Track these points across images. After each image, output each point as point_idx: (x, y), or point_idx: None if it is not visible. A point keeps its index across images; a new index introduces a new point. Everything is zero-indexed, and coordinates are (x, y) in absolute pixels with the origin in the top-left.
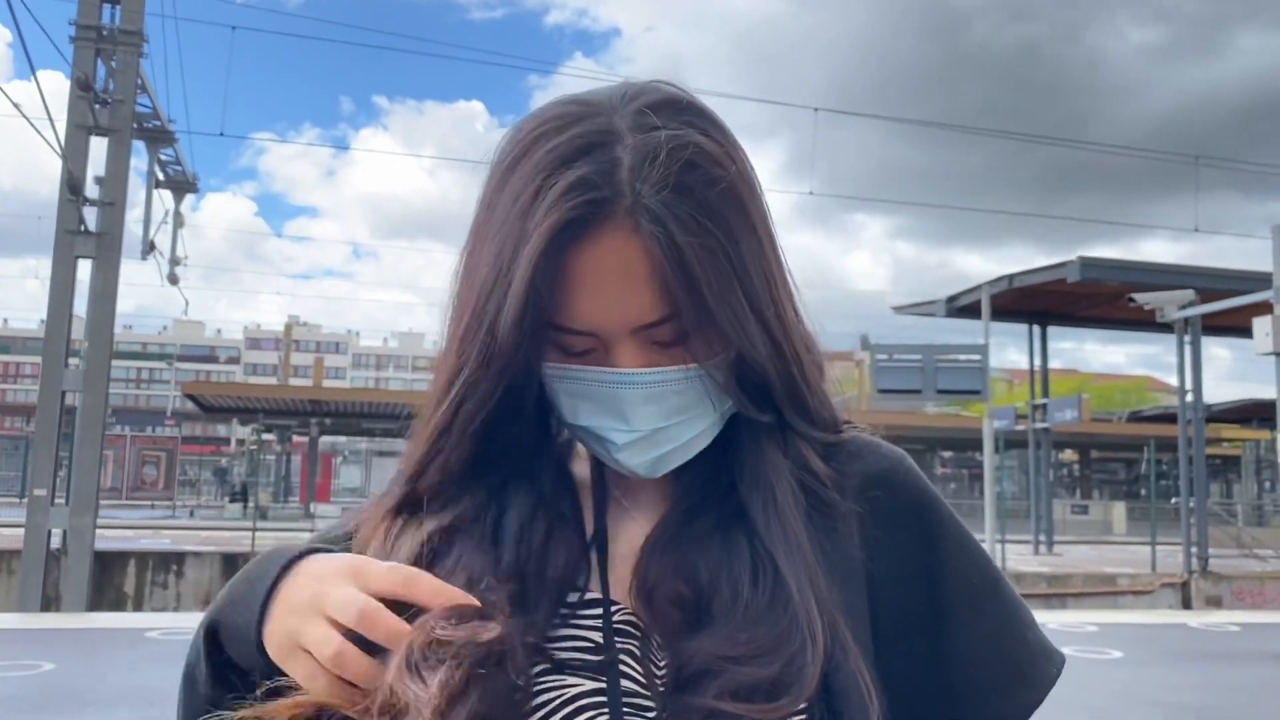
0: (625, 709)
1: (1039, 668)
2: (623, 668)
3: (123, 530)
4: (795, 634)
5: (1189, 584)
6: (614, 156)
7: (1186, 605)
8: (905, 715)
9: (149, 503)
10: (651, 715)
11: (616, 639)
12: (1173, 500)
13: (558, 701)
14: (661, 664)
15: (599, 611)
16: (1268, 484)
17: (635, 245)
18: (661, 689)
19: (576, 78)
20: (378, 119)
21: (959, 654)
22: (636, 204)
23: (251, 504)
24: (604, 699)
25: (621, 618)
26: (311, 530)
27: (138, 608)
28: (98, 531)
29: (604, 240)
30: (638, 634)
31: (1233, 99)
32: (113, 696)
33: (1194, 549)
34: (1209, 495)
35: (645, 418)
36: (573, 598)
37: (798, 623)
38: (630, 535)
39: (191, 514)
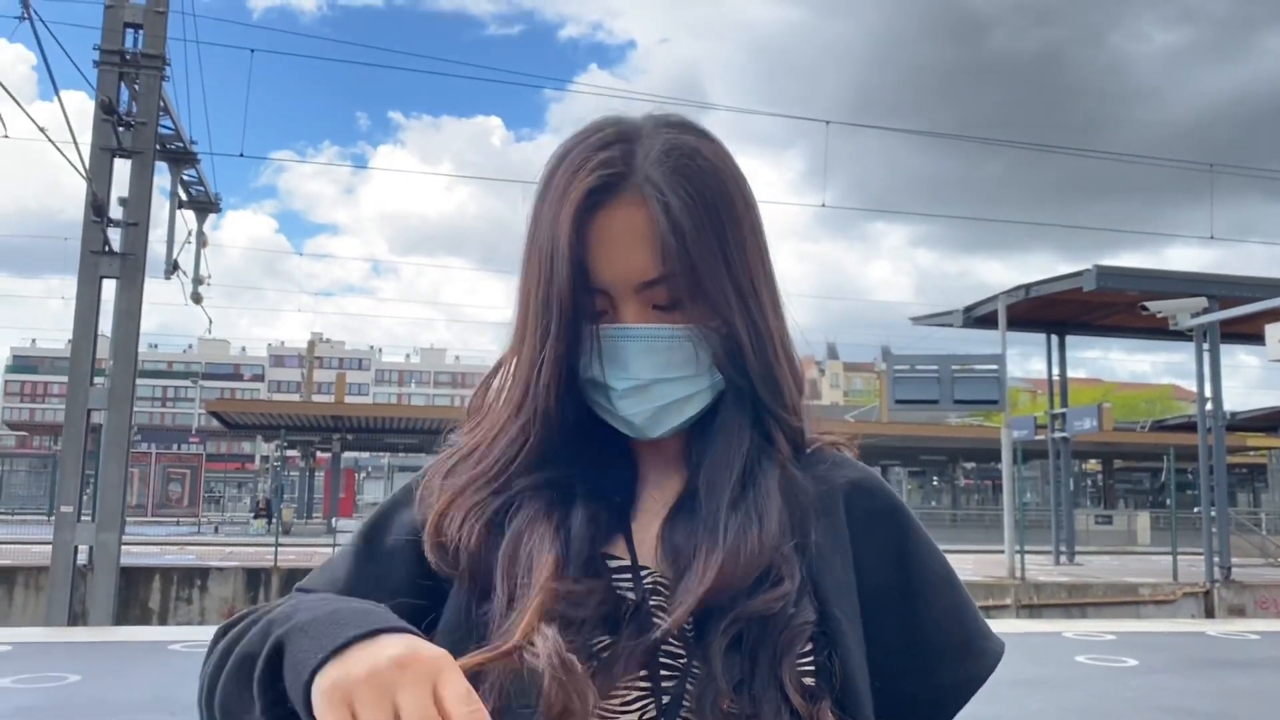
0: (662, 656)
1: (990, 642)
2: (656, 619)
3: (148, 546)
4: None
5: (1211, 593)
6: (633, 149)
7: (1209, 615)
8: (878, 675)
9: (174, 519)
10: (683, 661)
11: (652, 599)
12: (1195, 509)
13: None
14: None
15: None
16: None
17: (642, 213)
18: (690, 634)
19: (592, 92)
20: (394, 135)
21: (925, 627)
22: (645, 181)
23: (275, 520)
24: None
25: (651, 580)
26: (333, 545)
27: (162, 622)
28: (124, 547)
29: (618, 208)
30: (666, 591)
31: (1258, 102)
32: (137, 707)
33: (1216, 558)
34: (1234, 504)
35: (642, 368)
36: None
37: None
38: (655, 511)
39: (216, 530)
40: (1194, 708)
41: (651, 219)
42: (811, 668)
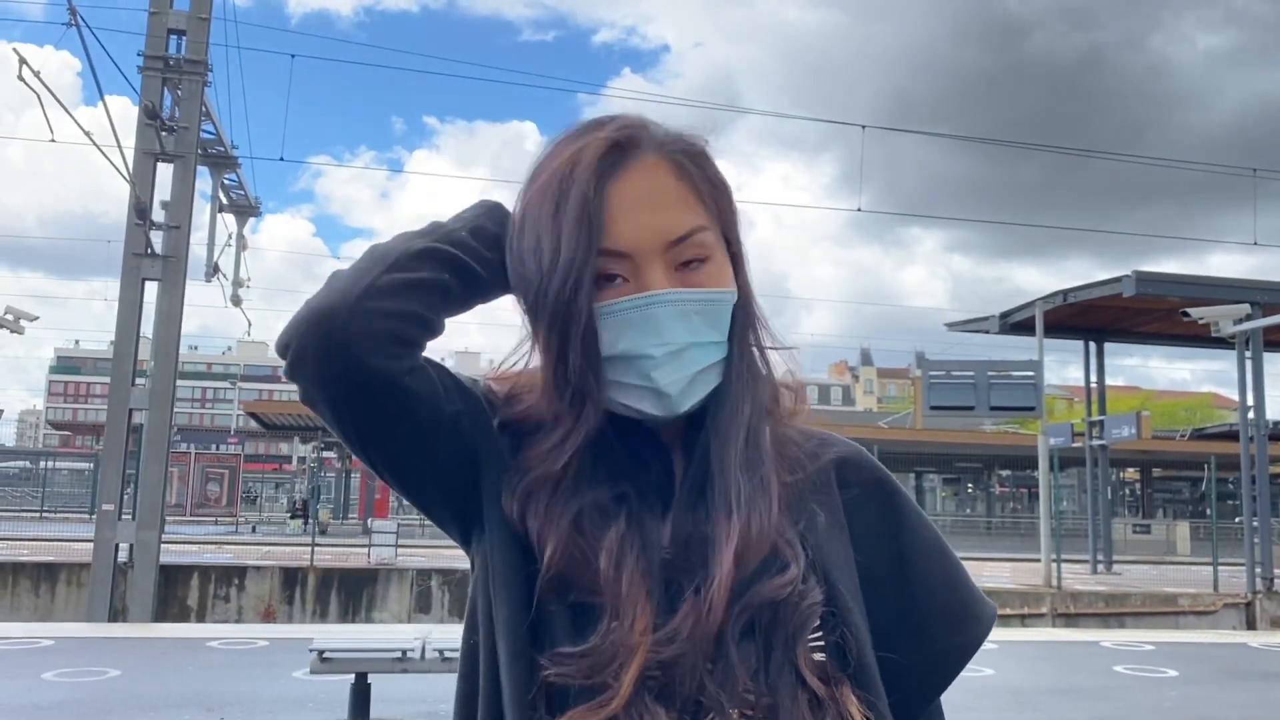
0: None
1: (983, 608)
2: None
3: (187, 545)
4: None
5: (1253, 604)
6: (640, 128)
7: (1251, 626)
8: (875, 644)
9: (213, 519)
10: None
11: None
12: (1236, 519)
13: None
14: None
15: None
16: None
17: (664, 169)
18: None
19: (625, 96)
20: (429, 139)
21: (921, 595)
22: (663, 144)
23: (311, 521)
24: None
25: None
26: (369, 546)
27: (200, 619)
28: (163, 546)
29: (637, 170)
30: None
31: None
32: (175, 702)
33: (1258, 569)
34: (1276, 514)
35: (675, 332)
36: None
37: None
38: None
39: (253, 530)
40: None
41: (676, 176)
42: (822, 646)
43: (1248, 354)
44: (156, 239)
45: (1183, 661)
